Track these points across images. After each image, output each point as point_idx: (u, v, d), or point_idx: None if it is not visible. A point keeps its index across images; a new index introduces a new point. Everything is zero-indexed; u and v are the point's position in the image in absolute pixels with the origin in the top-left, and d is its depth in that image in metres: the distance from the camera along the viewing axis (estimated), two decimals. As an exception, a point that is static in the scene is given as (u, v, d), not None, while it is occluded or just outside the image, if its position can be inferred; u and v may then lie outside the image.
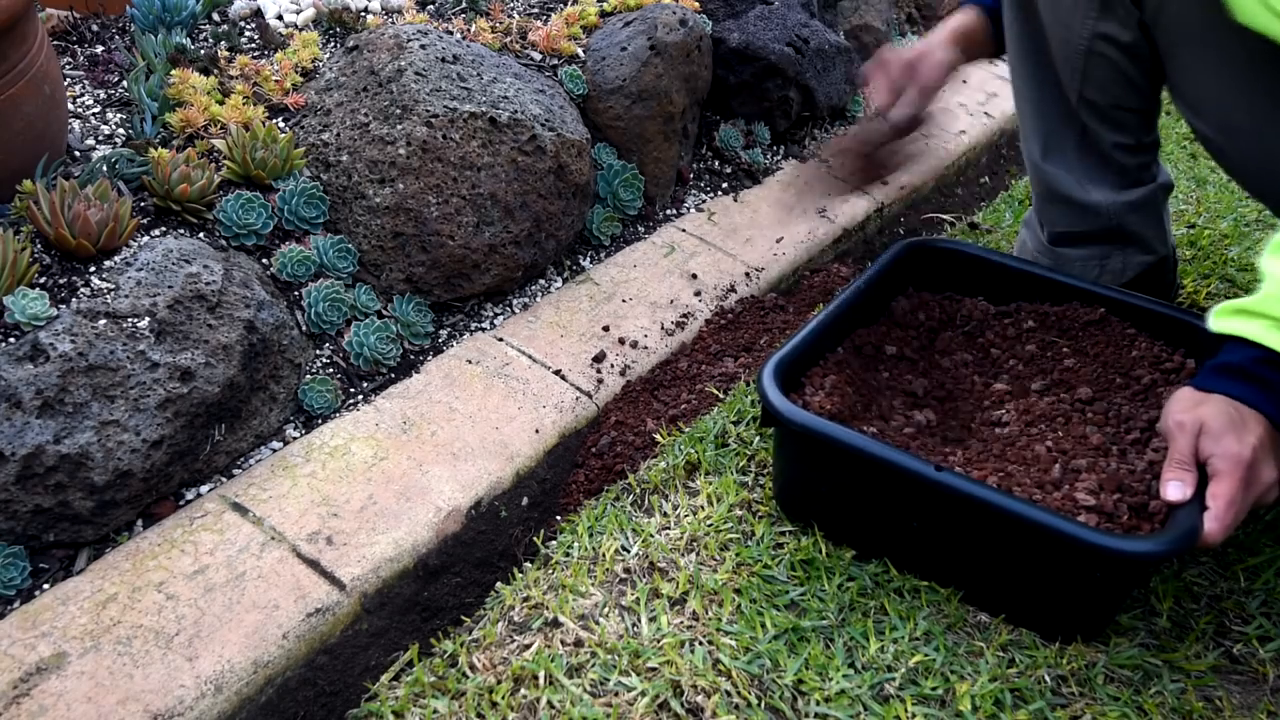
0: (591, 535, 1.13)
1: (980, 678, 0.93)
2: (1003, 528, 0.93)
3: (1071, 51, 1.18)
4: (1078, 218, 1.30)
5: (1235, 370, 0.93)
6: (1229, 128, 1.11)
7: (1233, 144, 1.13)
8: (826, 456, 1.03)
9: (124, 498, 1.08)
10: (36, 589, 1.03)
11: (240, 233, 1.31)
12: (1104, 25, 1.13)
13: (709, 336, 1.54)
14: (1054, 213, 1.32)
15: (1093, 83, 1.19)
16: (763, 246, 1.77)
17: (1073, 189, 1.29)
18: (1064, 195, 1.30)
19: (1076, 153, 1.28)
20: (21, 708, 0.90)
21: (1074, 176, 1.29)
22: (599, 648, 0.97)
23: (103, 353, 1.07)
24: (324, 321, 1.33)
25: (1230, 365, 0.94)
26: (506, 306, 1.54)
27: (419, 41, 1.49)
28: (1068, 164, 1.29)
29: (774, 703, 0.91)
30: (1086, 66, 1.18)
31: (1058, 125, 1.27)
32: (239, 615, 1.01)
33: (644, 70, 1.71)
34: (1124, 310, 1.20)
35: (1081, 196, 1.29)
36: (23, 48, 1.17)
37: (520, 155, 1.48)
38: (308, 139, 1.45)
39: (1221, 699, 0.94)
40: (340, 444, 1.23)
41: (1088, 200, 1.28)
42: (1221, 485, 0.88)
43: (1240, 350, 0.93)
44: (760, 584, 1.03)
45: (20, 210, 1.19)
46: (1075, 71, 1.20)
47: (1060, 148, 1.28)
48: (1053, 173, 1.30)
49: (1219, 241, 1.79)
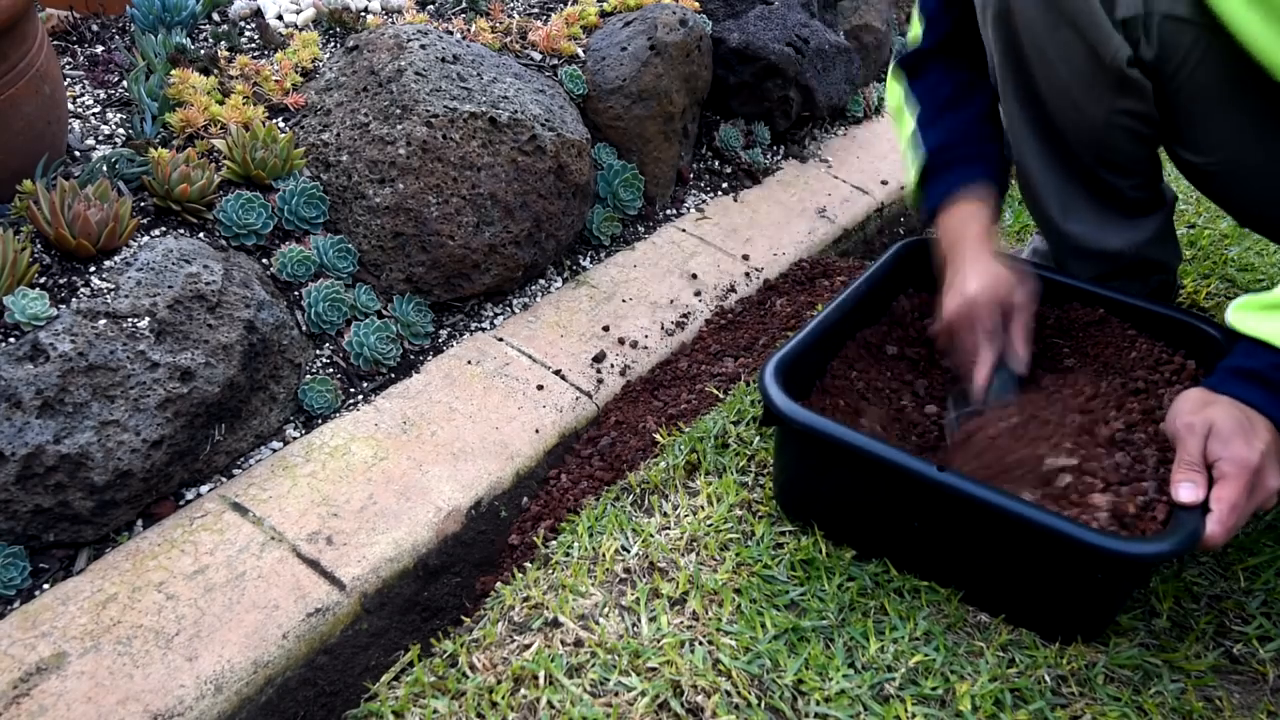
0: (591, 535, 1.13)
1: (980, 678, 0.93)
2: (1004, 529, 0.93)
3: (1088, 128, 1.16)
4: (1102, 265, 1.30)
5: (1252, 375, 0.92)
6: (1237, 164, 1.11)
7: (1237, 176, 1.13)
8: (827, 456, 1.03)
9: (124, 498, 1.08)
10: (36, 589, 1.03)
11: (240, 233, 1.31)
12: (1124, 102, 1.11)
13: (709, 336, 1.54)
14: (1078, 265, 1.31)
15: (1112, 150, 1.17)
16: (763, 246, 1.77)
17: (1095, 242, 1.28)
18: (1088, 250, 1.29)
19: (1092, 207, 1.26)
20: (21, 708, 0.90)
21: (1093, 230, 1.27)
22: (599, 648, 0.97)
23: (103, 353, 1.07)
24: (324, 321, 1.33)
25: (1248, 370, 0.93)
26: (506, 306, 1.54)
27: (419, 41, 1.49)
28: (1085, 220, 1.27)
29: (774, 703, 0.91)
30: (1107, 139, 1.16)
31: (1071, 186, 1.25)
32: (239, 615, 1.01)
33: (644, 70, 1.71)
34: (1124, 311, 1.20)
35: (1103, 246, 1.28)
36: (23, 48, 1.17)
37: (520, 155, 1.48)
38: (308, 139, 1.45)
39: (1221, 699, 0.94)
40: (340, 444, 1.23)
41: (1109, 249, 1.28)
42: (1226, 489, 0.88)
43: (1259, 355, 0.93)
44: (760, 584, 1.03)
45: (20, 210, 1.19)
46: (1093, 144, 1.17)
47: (1076, 206, 1.26)
48: (1075, 231, 1.28)
49: (1219, 241, 1.79)
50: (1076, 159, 1.21)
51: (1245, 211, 1.21)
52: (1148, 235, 1.29)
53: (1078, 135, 1.17)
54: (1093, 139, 1.16)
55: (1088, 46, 1.07)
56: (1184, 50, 1.04)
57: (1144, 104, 1.11)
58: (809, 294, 1.66)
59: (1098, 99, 1.11)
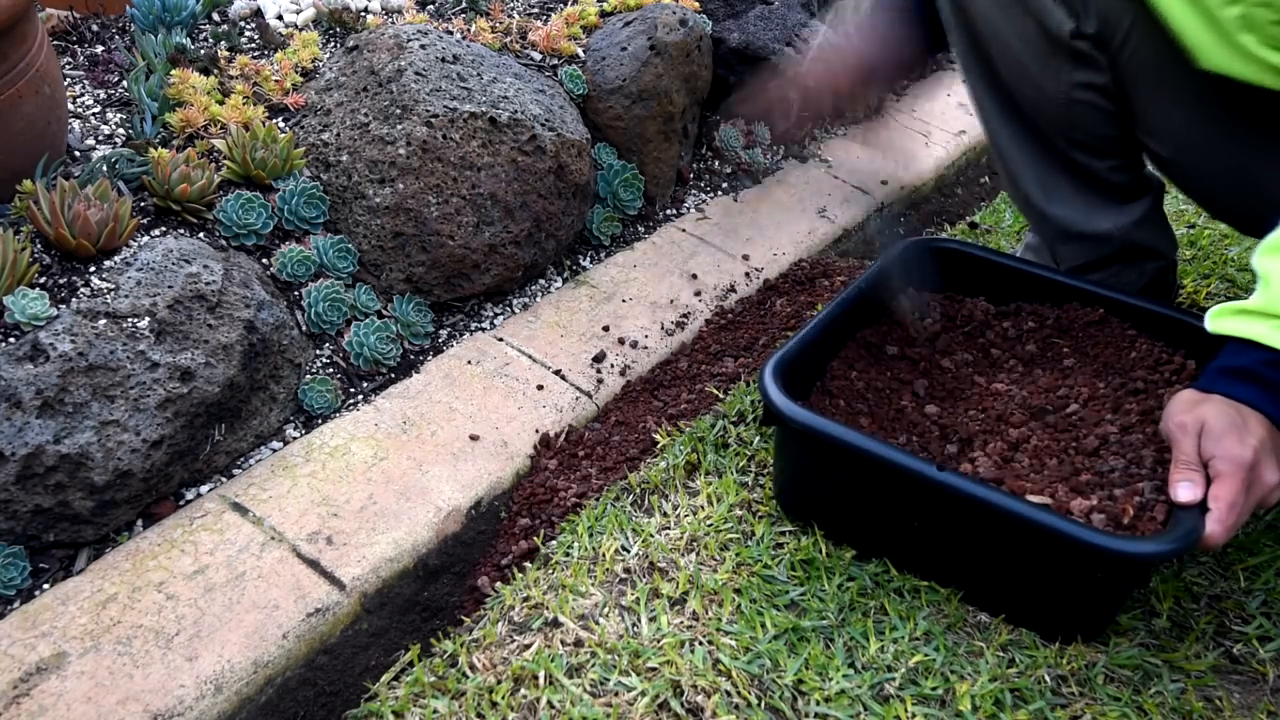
0: (591, 535, 1.13)
1: (980, 678, 0.93)
2: (1004, 528, 0.93)
3: (1051, 105, 1.18)
4: (1091, 249, 1.30)
5: (1241, 373, 0.92)
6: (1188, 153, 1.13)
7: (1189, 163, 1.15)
8: (827, 456, 1.03)
9: (124, 498, 1.08)
10: (36, 589, 1.03)
11: (240, 233, 1.31)
12: (1080, 74, 1.13)
13: (709, 336, 1.54)
14: (1067, 250, 1.31)
15: (1079, 127, 1.19)
16: (763, 246, 1.77)
17: (1081, 224, 1.28)
18: (1075, 233, 1.29)
19: (1073, 189, 1.27)
20: (21, 708, 0.90)
21: (1079, 213, 1.28)
22: (599, 648, 0.97)
23: (103, 353, 1.07)
24: (324, 321, 1.33)
25: (1236, 368, 0.93)
26: (506, 306, 1.54)
27: (419, 41, 1.49)
28: (1069, 202, 1.28)
29: (774, 703, 0.91)
30: (1070, 115, 1.18)
31: (1050, 169, 1.26)
32: (239, 615, 1.01)
33: (644, 70, 1.71)
34: (1124, 311, 1.20)
35: (1091, 229, 1.28)
36: (23, 48, 1.17)
37: (520, 155, 1.48)
38: (308, 139, 1.45)
39: (1221, 699, 0.94)
40: (340, 444, 1.23)
41: (1098, 231, 1.28)
42: (1223, 487, 0.88)
43: (1247, 353, 0.93)
44: (760, 584, 1.03)
45: (20, 210, 1.19)
46: (1059, 122, 1.19)
47: (1058, 188, 1.28)
48: (1059, 214, 1.29)
49: (1219, 241, 1.79)
50: (1049, 141, 1.22)
51: (1211, 203, 1.22)
52: (1135, 218, 1.29)
53: (1044, 114, 1.19)
54: (1058, 116, 1.18)
55: (1036, 22, 1.09)
56: (1125, 28, 1.06)
57: (1101, 76, 1.13)
58: (809, 294, 1.66)
59: (1054, 74, 1.13)
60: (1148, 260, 1.33)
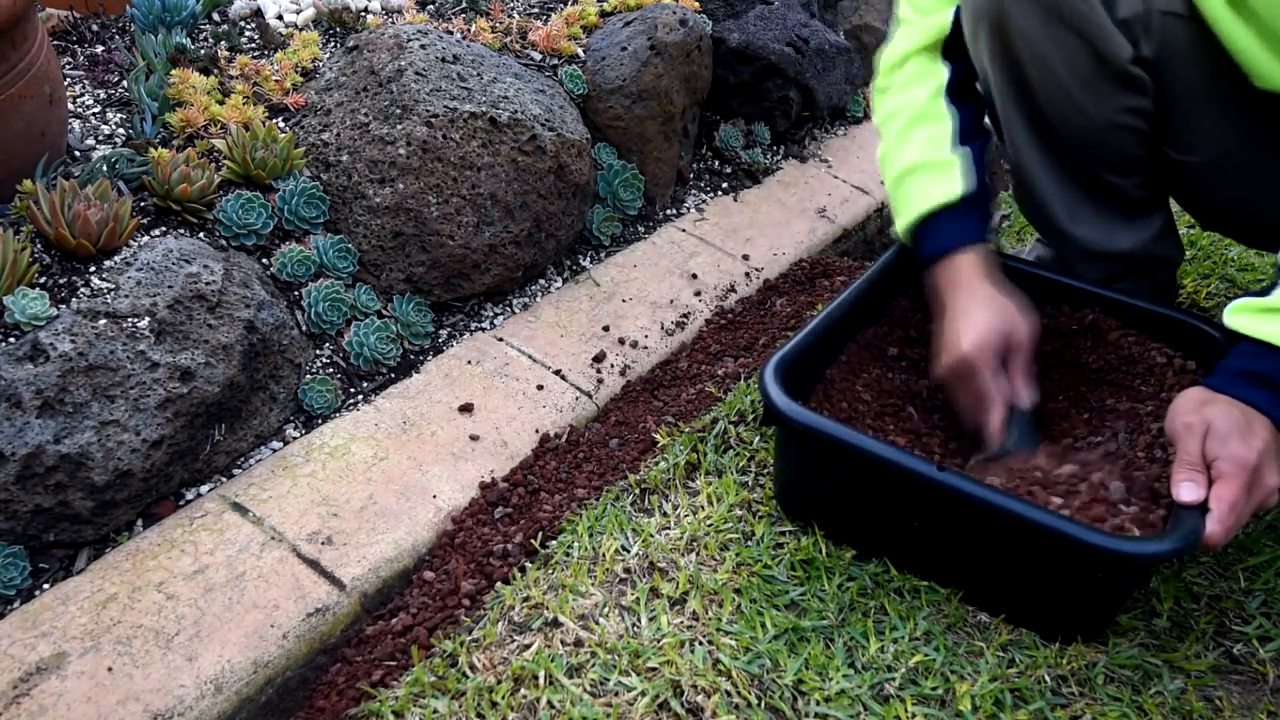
0: (591, 535, 1.13)
1: (980, 678, 0.93)
2: (1004, 528, 0.93)
3: (1092, 130, 1.16)
4: (1111, 266, 1.31)
5: (1256, 377, 0.92)
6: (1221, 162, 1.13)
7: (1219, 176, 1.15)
8: (827, 456, 1.03)
9: (124, 498, 1.08)
10: (36, 589, 1.03)
11: (240, 233, 1.31)
12: (1127, 99, 1.12)
13: (709, 336, 1.54)
14: (1087, 268, 1.31)
15: (1113, 149, 1.18)
16: (763, 246, 1.77)
17: (1105, 244, 1.28)
18: (1098, 252, 1.29)
19: (1096, 209, 1.27)
20: (21, 708, 0.90)
21: (1101, 232, 1.28)
22: (599, 648, 0.97)
23: (103, 353, 1.07)
24: (324, 321, 1.33)
25: (1255, 372, 0.93)
26: (506, 306, 1.54)
27: (419, 41, 1.49)
28: (1092, 222, 1.28)
29: (774, 703, 0.91)
30: (1108, 138, 1.17)
31: (1076, 191, 1.26)
32: (239, 615, 1.01)
33: (644, 70, 1.71)
34: (1124, 311, 1.20)
35: (1113, 248, 1.28)
36: (23, 48, 1.17)
37: (520, 155, 1.48)
38: (308, 139, 1.45)
39: (1221, 699, 0.94)
40: (340, 444, 1.23)
41: (1119, 250, 1.28)
42: (1225, 488, 0.88)
43: (1268, 357, 0.93)
44: (760, 584, 1.03)
45: (20, 210, 1.19)
46: (1096, 145, 1.18)
47: (1082, 209, 1.27)
48: (1083, 235, 1.28)
49: (1219, 241, 1.79)
50: (1077, 164, 1.21)
51: (1220, 211, 1.23)
52: (1153, 232, 1.30)
53: (1080, 138, 1.18)
54: (1095, 140, 1.17)
55: (1090, 47, 1.08)
56: (1180, 46, 1.06)
57: (1147, 100, 1.13)
58: (809, 294, 1.66)
59: (1103, 99, 1.12)
60: (1160, 269, 1.34)
